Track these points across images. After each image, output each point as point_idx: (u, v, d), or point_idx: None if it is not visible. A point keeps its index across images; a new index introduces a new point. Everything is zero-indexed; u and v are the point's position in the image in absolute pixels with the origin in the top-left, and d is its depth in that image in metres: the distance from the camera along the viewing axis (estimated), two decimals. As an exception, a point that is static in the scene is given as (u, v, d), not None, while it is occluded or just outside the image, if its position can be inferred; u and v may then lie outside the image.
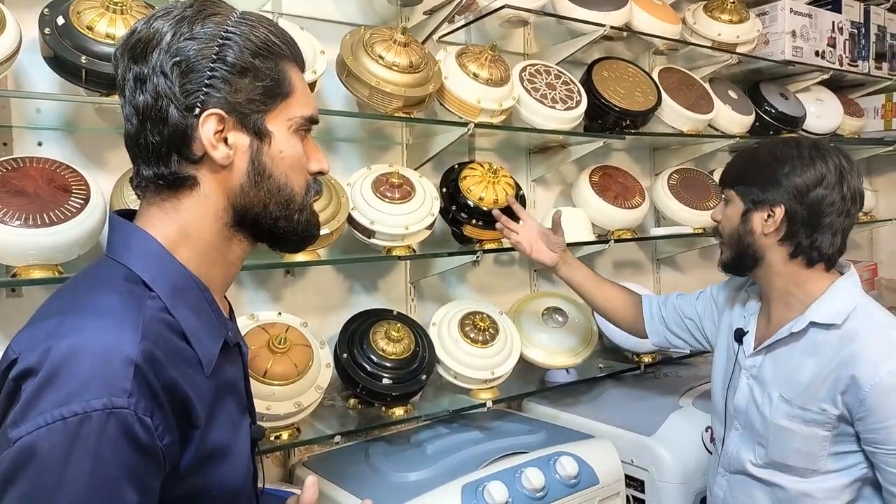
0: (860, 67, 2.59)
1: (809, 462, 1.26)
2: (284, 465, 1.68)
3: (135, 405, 0.65)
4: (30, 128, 1.40)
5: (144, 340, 0.67)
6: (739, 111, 2.30)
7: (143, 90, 0.75)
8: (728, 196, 1.35)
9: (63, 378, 0.63)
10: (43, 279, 1.21)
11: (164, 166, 0.76)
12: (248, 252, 0.85)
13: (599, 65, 2.08)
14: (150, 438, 0.66)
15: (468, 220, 1.73)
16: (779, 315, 1.34)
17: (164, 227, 0.78)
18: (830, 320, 1.25)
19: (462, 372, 1.67)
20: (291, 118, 0.80)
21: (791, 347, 1.30)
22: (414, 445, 1.62)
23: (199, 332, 0.76)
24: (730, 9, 2.25)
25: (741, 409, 1.38)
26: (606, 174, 2.11)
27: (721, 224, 1.37)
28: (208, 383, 0.75)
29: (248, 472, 0.83)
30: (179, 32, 0.74)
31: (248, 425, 0.85)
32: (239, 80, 0.76)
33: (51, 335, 0.66)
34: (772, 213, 1.28)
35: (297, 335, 1.49)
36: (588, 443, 1.61)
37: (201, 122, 0.75)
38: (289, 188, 0.81)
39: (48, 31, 1.23)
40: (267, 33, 0.78)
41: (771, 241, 1.29)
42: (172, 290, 0.75)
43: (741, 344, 1.40)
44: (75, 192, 1.24)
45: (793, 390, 1.28)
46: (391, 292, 1.88)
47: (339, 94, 1.70)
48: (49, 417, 0.62)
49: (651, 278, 2.46)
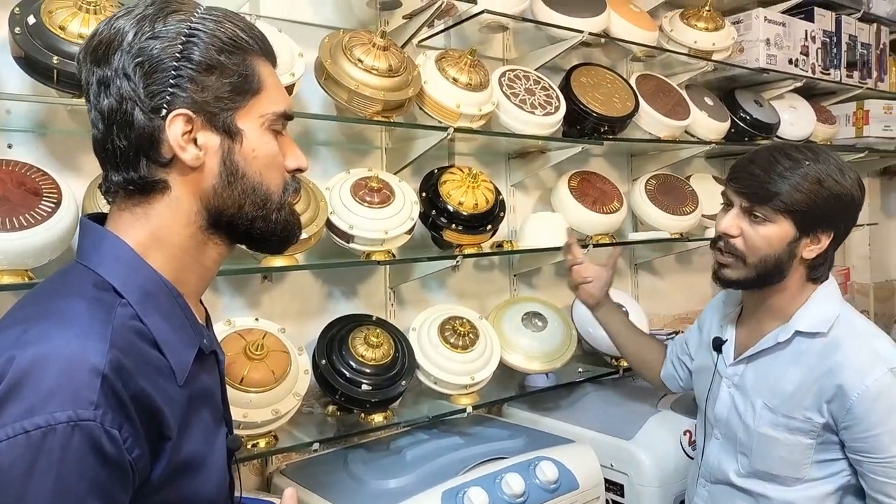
0: (832, 76, 2.64)
1: (794, 470, 1.26)
2: (262, 473, 1.65)
3: (101, 417, 0.62)
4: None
5: (112, 349, 0.65)
6: (715, 118, 2.33)
7: (107, 94, 0.72)
8: (767, 216, 1.22)
9: (26, 389, 0.61)
10: (12, 285, 1.18)
11: (133, 171, 0.73)
12: (225, 255, 0.82)
13: (578, 71, 2.09)
14: (117, 452, 0.63)
15: (448, 225, 1.72)
16: (764, 324, 1.33)
17: (135, 232, 0.75)
18: (816, 329, 1.25)
19: (442, 377, 1.66)
20: (263, 115, 0.78)
21: (775, 356, 1.30)
22: (393, 452, 1.61)
23: (171, 339, 0.73)
24: (705, 17, 2.28)
25: (722, 418, 1.37)
26: (585, 179, 2.12)
27: (747, 244, 1.25)
28: (181, 393, 0.73)
29: (223, 482, 0.80)
30: (141, 31, 0.72)
31: (224, 435, 0.82)
32: (205, 77, 0.73)
33: (14, 344, 0.64)
34: (818, 239, 1.24)
35: (275, 341, 1.47)
36: (568, 447, 1.61)
37: (168, 124, 0.72)
38: (264, 187, 0.78)
39: (18, 31, 1.20)
40: (233, 28, 0.76)
41: (799, 264, 1.26)
42: (143, 297, 0.72)
43: (720, 353, 1.39)
44: (46, 195, 1.21)
45: (776, 399, 1.27)
46: (370, 297, 1.86)
47: (318, 97, 1.68)
48: (10, 431, 0.60)
49: (629, 283, 2.47)
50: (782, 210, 1.21)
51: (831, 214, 1.23)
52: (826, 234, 1.24)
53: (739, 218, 1.26)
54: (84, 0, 1.23)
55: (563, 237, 1.93)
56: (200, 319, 0.82)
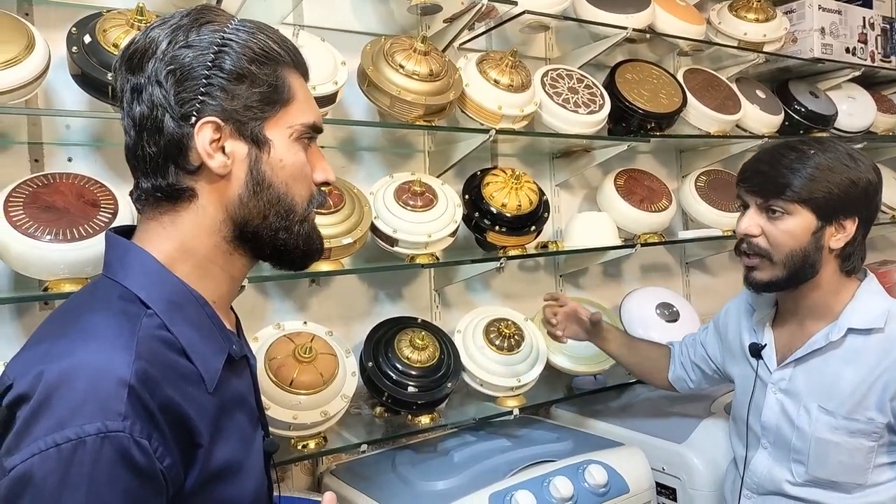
0: (893, 63, 2.52)
1: (855, 476, 1.21)
2: (313, 473, 1.69)
3: (130, 428, 0.63)
4: (60, 144, 1.44)
5: (138, 360, 0.65)
6: (768, 111, 2.26)
7: (139, 100, 0.73)
8: (785, 209, 1.20)
9: (55, 403, 0.62)
10: (73, 293, 1.23)
11: (161, 178, 0.74)
12: (250, 267, 0.83)
13: (622, 67, 2.05)
14: (148, 461, 0.64)
15: (491, 227, 1.72)
16: (807, 325, 1.29)
17: (161, 243, 0.76)
18: (871, 325, 1.21)
19: (488, 379, 1.66)
20: (292, 125, 0.78)
21: (826, 357, 1.25)
22: (441, 454, 1.61)
23: (199, 347, 0.73)
24: (755, 7, 2.21)
25: (771, 426, 1.31)
26: (632, 177, 2.08)
27: (770, 241, 1.23)
28: (211, 400, 0.73)
29: (262, 486, 0.81)
30: (175, 41, 0.73)
31: (261, 439, 0.83)
32: (235, 86, 0.74)
33: (42, 359, 0.65)
34: (842, 227, 1.21)
35: (323, 344, 1.49)
36: (617, 450, 1.59)
37: (197, 131, 0.73)
38: (289, 198, 0.78)
39: (75, 50, 1.26)
40: (266, 39, 0.77)
41: (830, 256, 1.23)
42: (170, 307, 0.72)
43: (760, 358, 1.34)
44: (104, 206, 1.26)
45: (834, 401, 1.22)
46: (416, 300, 1.88)
47: (361, 103, 1.71)
48: (42, 445, 0.61)
49: (680, 281, 2.42)
50: (797, 200, 1.19)
51: (849, 199, 1.19)
52: (850, 221, 1.21)
53: (757, 217, 1.24)
54: (136, 18, 1.28)
55: (611, 237, 1.90)
56: (230, 326, 0.83)
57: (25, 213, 1.19)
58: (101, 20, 1.29)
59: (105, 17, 1.30)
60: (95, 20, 1.29)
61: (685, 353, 1.60)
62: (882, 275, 2.67)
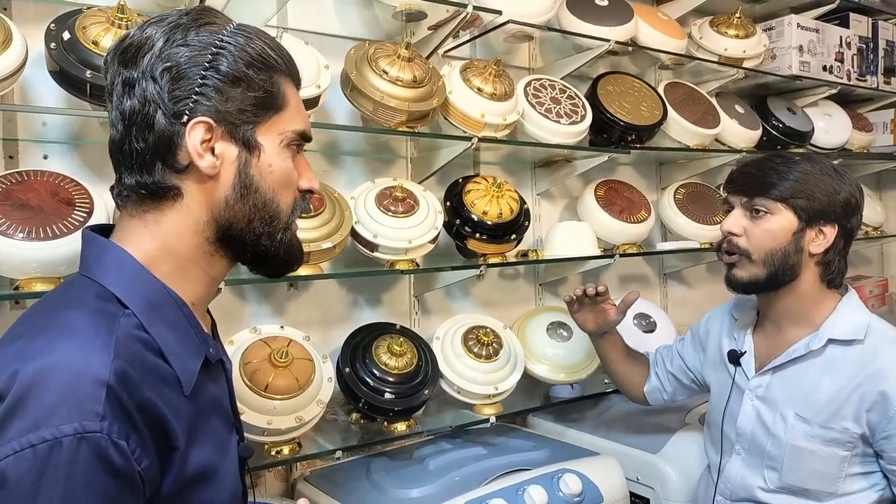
0: (869, 82, 2.57)
1: (827, 484, 1.23)
2: (286, 479, 1.67)
3: (108, 428, 0.62)
4: (35, 141, 1.41)
5: (117, 360, 0.64)
6: (746, 126, 2.29)
7: (130, 95, 0.73)
8: (768, 208, 1.24)
9: (31, 403, 0.61)
10: (45, 292, 1.21)
11: (147, 175, 0.74)
12: (229, 269, 0.82)
13: (605, 79, 2.08)
14: (126, 463, 0.63)
15: (472, 234, 1.72)
16: (787, 333, 1.31)
17: (142, 242, 0.75)
18: (851, 336, 1.23)
19: (465, 387, 1.66)
20: (283, 132, 0.79)
21: (805, 365, 1.27)
22: (416, 461, 1.61)
23: (176, 349, 0.73)
24: (736, 24, 2.25)
25: (745, 433, 1.34)
26: (612, 188, 2.10)
27: (750, 240, 1.26)
28: (188, 403, 0.72)
29: (237, 491, 0.80)
30: (173, 39, 0.73)
31: (235, 443, 0.82)
32: (231, 89, 0.74)
33: (17, 358, 0.64)
34: (822, 233, 1.24)
35: (300, 349, 1.48)
36: (592, 460, 1.59)
37: (188, 130, 0.73)
38: (275, 204, 0.79)
39: (54, 46, 1.24)
40: (263, 45, 0.77)
41: (810, 261, 1.25)
42: (148, 307, 0.72)
43: (738, 365, 1.36)
44: (79, 205, 1.25)
45: (810, 409, 1.24)
46: (395, 306, 1.87)
47: (344, 108, 1.70)
48: (17, 445, 0.60)
49: (658, 293, 2.44)
50: (780, 199, 1.23)
51: (831, 206, 1.23)
52: (830, 227, 1.24)
53: (742, 217, 1.27)
54: (117, 16, 1.26)
55: (590, 247, 1.91)
56: (206, 329, 0.83)
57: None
58: (80, 17, 1.27)
59: (85, 14, 1.28)
60: (75, 17, 1.27)
61: (660, 364, 1.61)
62: (856, 289, 2.72)
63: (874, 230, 2.68)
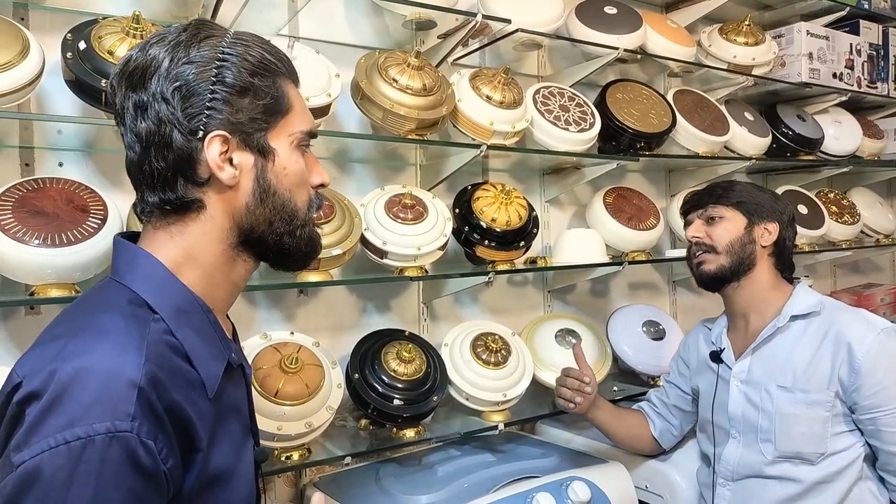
0: (879, 89, 2.57)
1: (817, 444, 1.37)
2: (296, 485, 1.67)
3: (138, 429, 0.64)
4: (51, 149, 1.44)
5: (148, 363, 0.67)
6: (756, 133, 2.29)
7: (144, 117, 0.75)
8: (722, 213, 1.51)
9: (67, 402, 0.63)
10: (60, 298, 1.23)
11: (170, 191, 0.76)
12: (252, 271, 0.85)
13: (613, 87, 2.08)
14: (153, 462, 0.66)
15: (481, 241, 1.73)
16: (755, 323, 1.50)
17: (168, 250, 0.78)
18: (809, 310, 1.44)
19: (474, 394, 1.66)
20: (292, 133, 0.81)
21: (776, 342, 1.46)
22: (425, 467, 1.61)
23: (202, 354, 0.75)
24: (745, 31, 2.25)
25: (737, 416, 1.47)
26: (621, 196, 2.10)
27: (712, 237, 1.50)
28: (210, 406, 0.75)
29: (251, 494, 0.82)
30: (177, 57, 0.75)
31: (251, 448, 0.84)
32: (239, 100, 0.76)
33: (55, 358, 0.66)
34: (767, 229, 1.50)
35: (309, 355, 1.49)
36: (601, 467, 1.59)
37: (206, 145, 0.75)
38: (292, 203, 0.82)
39: (70, 56, 1.26)
40: (262, 52, 0.79)
41: (763, 252, 1.50)
42: (176, 313, 0.75)
43: (721, 362, 1.53)
44: (93, 212, 1.26)
45: (789, 377, 1.41)
46: (404, 313, 1.88)
47: (354, 116, 1.72)
48: (52, 441, 0.62)
49: (667, 300, 2.44)
50: (730, 204, 1.50)
51: (771, 208, 1.51)
52: (773, 224, 1.50)
53: (701, 226, 1.54)
54: (132, 26, 1.28)
55: (599, 254, 1.92)
56: (228, 333, 0.85)
57: (14, 216, 1.19)
58: (96, 27, 1.29)
59: (101, 24, 1.30)
60: (91, 27, 1.29)
61: (658, 404, 1.69)
62: (867, 297, 2.70)
63: (885, 238, 2.66)
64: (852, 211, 2.56)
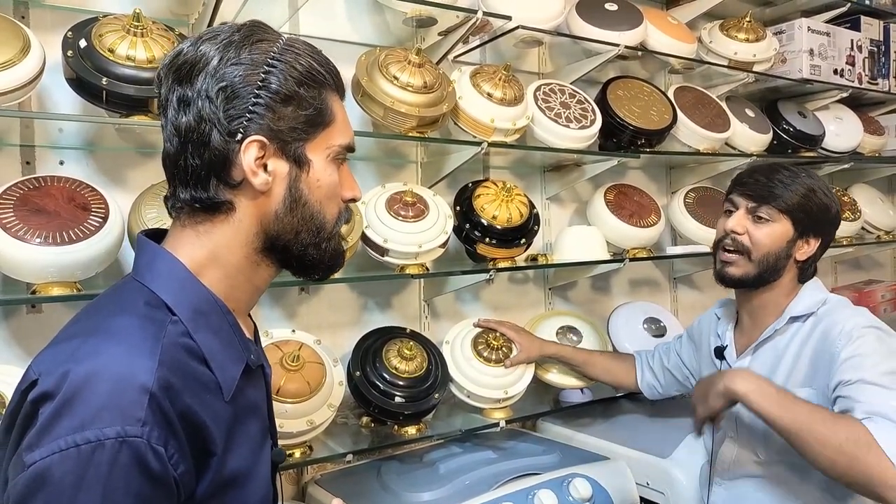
0: (880, 85, 2.56)
1: None
2: (297, 482, 1.68)
3: (148, 434, 0.64)
4: (52, 147, 1.44)
5: (161, 368, 0.67)
6: (757, 129, 2.29)
7: (186, 112, 0.75)
8: (771, 216, 1.37)
9: (78, 404, 0.63)
10: (62, 296, 1.23)
11: (202, 189, 0.76)
12: (274, 276, 0.84)
13: (614, 84, 2.08)
14: (162, 468, 0.65)
15: (482, 239, 1.73)
16: (760, 322, 1.44)
17: (192, 250, 0.78)
18: (807, 310, 1.38)
19: (475, 391, 1.66)
20: (330, 146, 0.80)
21: (774, 342, 1.41)
22: (426, 465, 1.61)
23: (220, 356, 0.75)
24: (746, 28, 2.25)
25: (732, 415, 1.43)
26: (622, 192, 2.10)
27: (752, 239, 1.37)
28: (227, 408, 0.75)
29: (268, 495, 0.82)
30: (226, 57, 0.75)
31: (269, 448, 0.84)
32: (283, 107, 0.76)
33: (69, 359, 0.66)
34: (807, 243, 1.39)
35: (311, 353, 1.49)
36: (602, 464, 1.59)
37: (243, 149, 0.75)
38: (321, 216, 0.81)
39: (71, 54, 1.26)
40: (311, 62, 0.78)
41: (793, 265, 1.40)
42: (194, 314, 0.74)
43: (723, 359, 1.49)
44: (94, 210, 1.26)
45: (783, 377, 1.37)
46: (405, 310, 1.88)
47: (355, 113, 1.70)
48: (63, 444, 0.62)
49: (668, 297, 2.44)
50: (783, 210, 1.36)
51: (821, 221, 1.39)
52: (815, 239, 1.39)
53: (744, 219, 1.39)
54: (132, 24, 1.28)
55: (600, 251, 1.93)
56: (248, 334, 0.85)
57: (15, 215, 1.19)
58: (97, 25, 1.29)
59: (101, 22, 1.30)
60: (91, 25, 1.29)
61: (657, 359, 1.72)
62: (867, 294, 2.70)
63: (886, 234, 2.66)
64: (853, 207, 2.56)
